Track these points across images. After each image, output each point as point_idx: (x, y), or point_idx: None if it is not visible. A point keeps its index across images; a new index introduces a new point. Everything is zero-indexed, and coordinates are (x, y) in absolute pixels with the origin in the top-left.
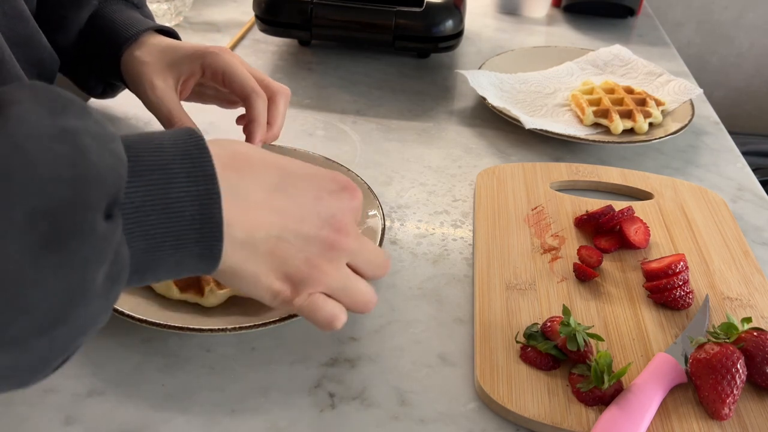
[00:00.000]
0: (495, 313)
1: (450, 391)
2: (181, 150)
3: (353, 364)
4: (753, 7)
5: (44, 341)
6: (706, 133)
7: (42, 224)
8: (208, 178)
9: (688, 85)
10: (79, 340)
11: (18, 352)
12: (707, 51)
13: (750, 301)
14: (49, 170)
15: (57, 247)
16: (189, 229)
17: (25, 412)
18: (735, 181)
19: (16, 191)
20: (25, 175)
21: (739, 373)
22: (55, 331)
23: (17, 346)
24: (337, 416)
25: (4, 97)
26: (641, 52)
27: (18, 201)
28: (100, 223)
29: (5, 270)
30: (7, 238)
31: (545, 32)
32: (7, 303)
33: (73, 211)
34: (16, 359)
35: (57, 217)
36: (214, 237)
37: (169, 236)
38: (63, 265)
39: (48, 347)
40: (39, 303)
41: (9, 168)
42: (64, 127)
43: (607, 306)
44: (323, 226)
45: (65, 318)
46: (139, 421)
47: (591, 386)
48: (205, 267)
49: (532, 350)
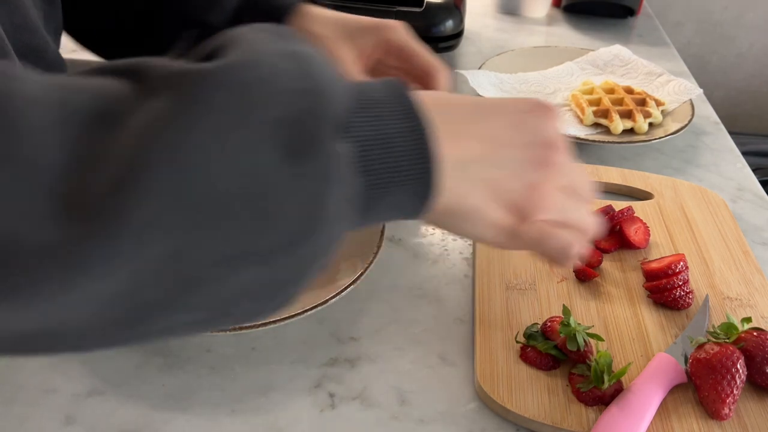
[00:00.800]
0: (495, 313)
1: (450, 391)
2: (391, 91)
3: (353, 364)
4: (753, 7)
5: (288, 260)
6: (706, 133)
7: (283, 131)
8: (420, 114)
9: (688, 85)
10: (315, 265)
11: (262, 269)
12: (707, 51)
13: (750, 301)
14: (285, 82)
15: (301, 155)
16: (408, 164)
17: (25, 412)
18: (735, 181)
19: (261, 98)
20: (266, 86)
21: (739, 373)
22: (299, 249)
23: (264, 261)
24: (337, 416)
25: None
26: (641, 52)
27: (261, 111)
28: (334, 137)
29: (258, 173)
30: (259, 143)
31: (545, 32)
32: (259, 212)
33: (311, 121)
34: (260, 279)
35: (298, 126)
36: (432, 171)
37: (389, 172)
38: (306, 174)
39: (289, 269)
40: (287, 214)
41: (254, 77)
42: (293, 49)
43: (607, 306)
44: (531, 144)
45: (306, 235)
46: (139, 421)
47: (591, 386)
48: (422, 206)
49: (532, 350)
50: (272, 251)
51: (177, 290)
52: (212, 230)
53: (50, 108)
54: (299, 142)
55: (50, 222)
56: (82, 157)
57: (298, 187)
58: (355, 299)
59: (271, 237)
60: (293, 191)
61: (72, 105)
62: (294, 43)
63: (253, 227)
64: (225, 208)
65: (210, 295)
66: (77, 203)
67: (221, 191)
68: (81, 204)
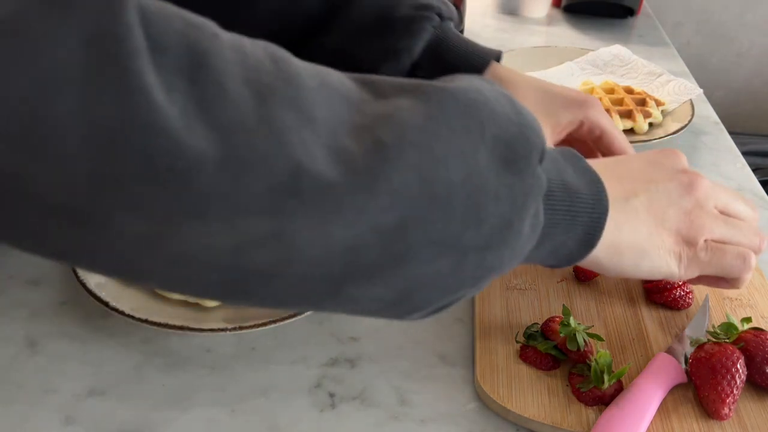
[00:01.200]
0: (495, 312)
1: (450, 390)
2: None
3: (353, 363)
4: (753, 7)
5: (477, 259)
6: (706, 133)
7: (500, 147)
8: (590, 170)
9: (688, 85)
10: (490, 276)
11: (455, 263)
12: (707, 51)
13: (750, 301)
14: (502, 110)
15: (512, 167)
16: (583, 210)
17: (25, 412)
18: (735, 181)
19: (484, 116)
20: (488, 109)
21: (739, 373)
22: (489, 252)
23: (459, 255)
24: (337, 416)
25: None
26: (641, 52)
27: (486, 125)
28: (537, 164)
29: (478, 173)
30: (480, 150)
31: (545, 32)
32: (472, 206)
33: (523, 144)
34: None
35: (511, 144)
36: (600, 221)
37: (567, 214)
38: (515, 186)
39: (472, 269)
40: (491, 216)
41: (479, 100)
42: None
43: (607, 306)
44: (673, 174)
45: (500, 243)
46: (139, 421)
47: (591, 386)
48: (579, 253)
49: (532, 350)
50: (470, 247)
51: (390, 259)
52: (435, 212)
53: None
54: (513, 158)
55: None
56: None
57: (506, 194)
58: None
59: (474, 233)
60: (502, 197)
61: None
62: (499, 87)
63: (464, 219)
64: (449, 195)
65: (408, 273)
66: (349, 159)
67: (450, 179)
68: (353, 160)
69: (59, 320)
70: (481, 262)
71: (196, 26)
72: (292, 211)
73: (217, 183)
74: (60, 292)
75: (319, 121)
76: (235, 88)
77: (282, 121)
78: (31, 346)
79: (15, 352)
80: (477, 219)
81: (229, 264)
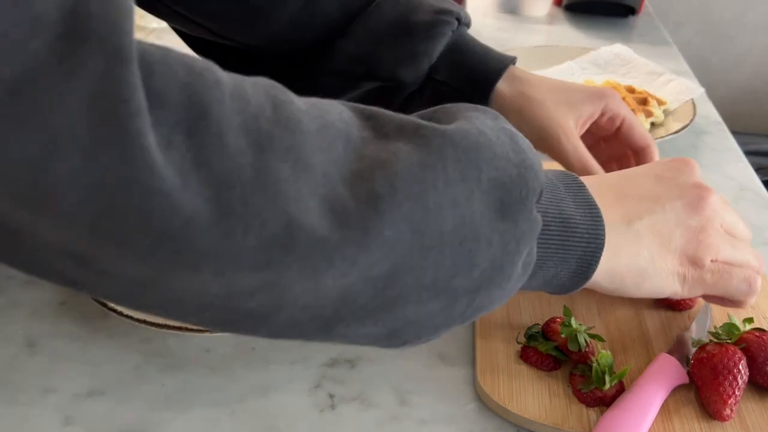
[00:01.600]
0: (496, 313)
1: (450, 391)
2: (560, 179)
3: (353, 364)
4: (754, 6)
5: (466, 301)
6: (708, 132)
7: (497, 192)
8: (590, 201)
9: (689, 84)
10: (479, 315)
11: (445, 305)
12: (708, 50)
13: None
14: (502, 151)
15: (506, 215)
16: (577, 245)
17: (24, 413)
18: (737, 181)
19: (483, 160)
20: (487, 151)
21: (741, 374)
22: (477, 296)
23: (450, 298)
24: (337, 417)
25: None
26: (642, 51)
27: (483, 169)
28: (534, 206)
29: (471, 221)
30: (475, 196)
31: (546, 31)
32: (464, 254)
33: (519, 188)
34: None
35: (508, 189)
36: (594, 257)
37: (560, 248)
38: (507, 232)
39: (462, 309)
40: (482, 261)
41: (479, 142)
42: (503, 126)
43: (608, 306)
44: (681, 190)
45: (491, 284)
46: (138, 422)
47: (592, 387)
48: (570, 286)
49: (533, 351)
50: (461, 290)
51: (380, 303)
52: (426, 260)
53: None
54: (508, 203)
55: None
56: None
57: (499, 240)
58: None
59: (465, 277)
60: (494, 243)
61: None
62: (501, 122)
63: (455, 265)
64: (441, 244)
65: (398, 314)
66: (340, 212)
67: (442, 229)
68: (344, 213)
69: (59, 320)
70: (471, 302)
71: (198, 74)
72: (283, 265)
73: (210, 239)
74: (59, 292)
75: (316, 168)
76: (233, 138)
77: (278, 171)
78: (31, 347)
79: (14, 352)
80: (468, 265)
81: (223, 306)
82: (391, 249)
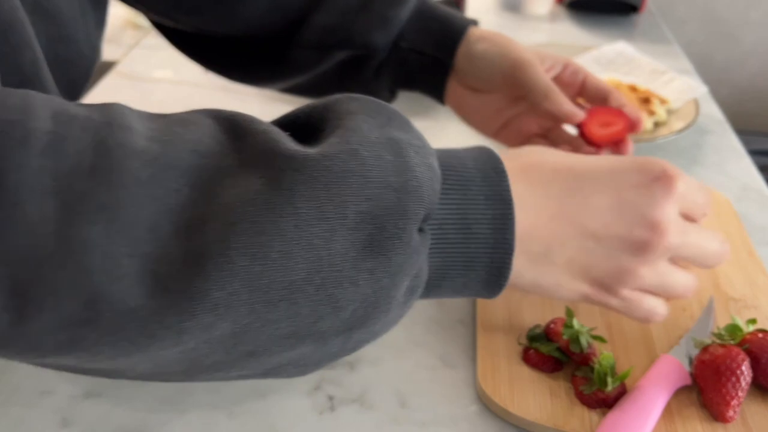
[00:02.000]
0: (497, 314)
1: (451, 393)
2: (482, 172)
3: (353, 366)
4: (757, 4)
5: (341, 340)
6: (711, 131)
7: (366, 227)
8: (505, 202)
9: (692, 83)
10: (364, 345)
11: (316, 346)
12: (711, 49)
13: (755, 302)
14: (379, 175)
15: (377, 250)
16: (482, 252)
17: (21, 414)
18: (740, 180)
19: (351, 192)
20: (357, 179)
21: (744, 375)
22: (353, 333)
23: (319, 340)
24: (337, 419)
25: (341, 107)
26: (645, 49)
27: (351, 201)
28: (415, 234)
29: (330, 264)
30: (337, 235)
31: (548, 29)
32: (325, 300)
33: (396, 218)
34: (311, 352)
35: (381, 222)
36: (504, 263)
37: (463, 256)
38: (378, 269)
39: (340, 346)
40: (350, 303)
41: (347, 170)
42: (390, 136)
43: None
44: (632, 227)
45: (366, 321)
46: (136, 424)
47: (594, 388)
48: (487, 293)
49: (535, 352)
50: (330, 332)
51: (235, 358)
52: (276, 313)
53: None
54: (380, 238)
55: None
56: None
57: (367, 278)
58: None
59: (331, 320)
60: (361, 282)
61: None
62: (392, 128)
63: (315, 312)
64: (293, 295)
65: (264, 362)
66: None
67: (291, 278)
68: (166, 275)
69: None
70: (347, 340)
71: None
72: (90, 342)
73: (6, 327)
74: None
75: (140, 224)
76: (35, 206)
77: (86, 237)
78: None
79: None
80: (332, 308)
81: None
82: (226, 310)
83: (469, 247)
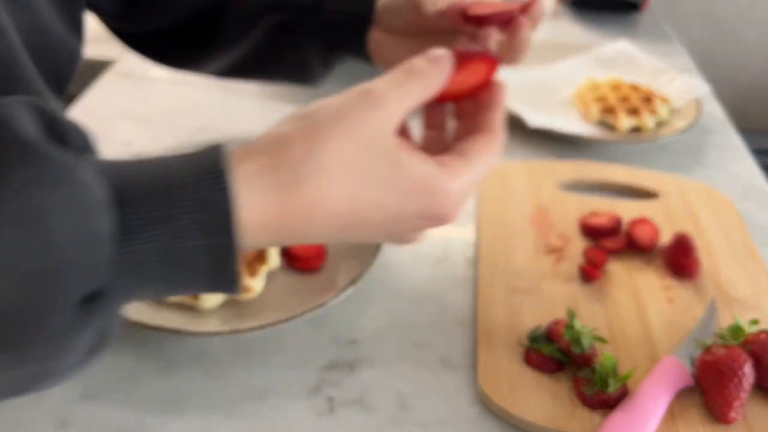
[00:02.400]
0: (498, 315)
1: (451, 394)
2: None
3: (352, 367)
4: (760, 3)
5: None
6: (713, 131)
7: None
8: (225, 230)
9: (694, 82)
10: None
11: None
12: (713, 48)
13: (757, 303)
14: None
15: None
16: (202, 280)
17: (18, 416)
18: (742, 179)
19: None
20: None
21: (746, 376)
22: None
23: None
24: (336, 420)
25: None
26: (647, 48)
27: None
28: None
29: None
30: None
31: (550, 28)
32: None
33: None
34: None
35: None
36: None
37: (179, 285)
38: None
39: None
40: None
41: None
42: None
43: (612, 308)
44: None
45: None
46: (133, 425)
47: (596, 390)
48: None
49: (536, 353)
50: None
51: None
52: None
53: None
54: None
55: None
56: None
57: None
58: (355, 302)
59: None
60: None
61: None
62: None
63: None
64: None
65: None
66: None
67: None
68: None
69: None
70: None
71: None
72: None
73: None
74: None
75: None
76: None
77: None
78: None
79: None
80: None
81: None
82: None
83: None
